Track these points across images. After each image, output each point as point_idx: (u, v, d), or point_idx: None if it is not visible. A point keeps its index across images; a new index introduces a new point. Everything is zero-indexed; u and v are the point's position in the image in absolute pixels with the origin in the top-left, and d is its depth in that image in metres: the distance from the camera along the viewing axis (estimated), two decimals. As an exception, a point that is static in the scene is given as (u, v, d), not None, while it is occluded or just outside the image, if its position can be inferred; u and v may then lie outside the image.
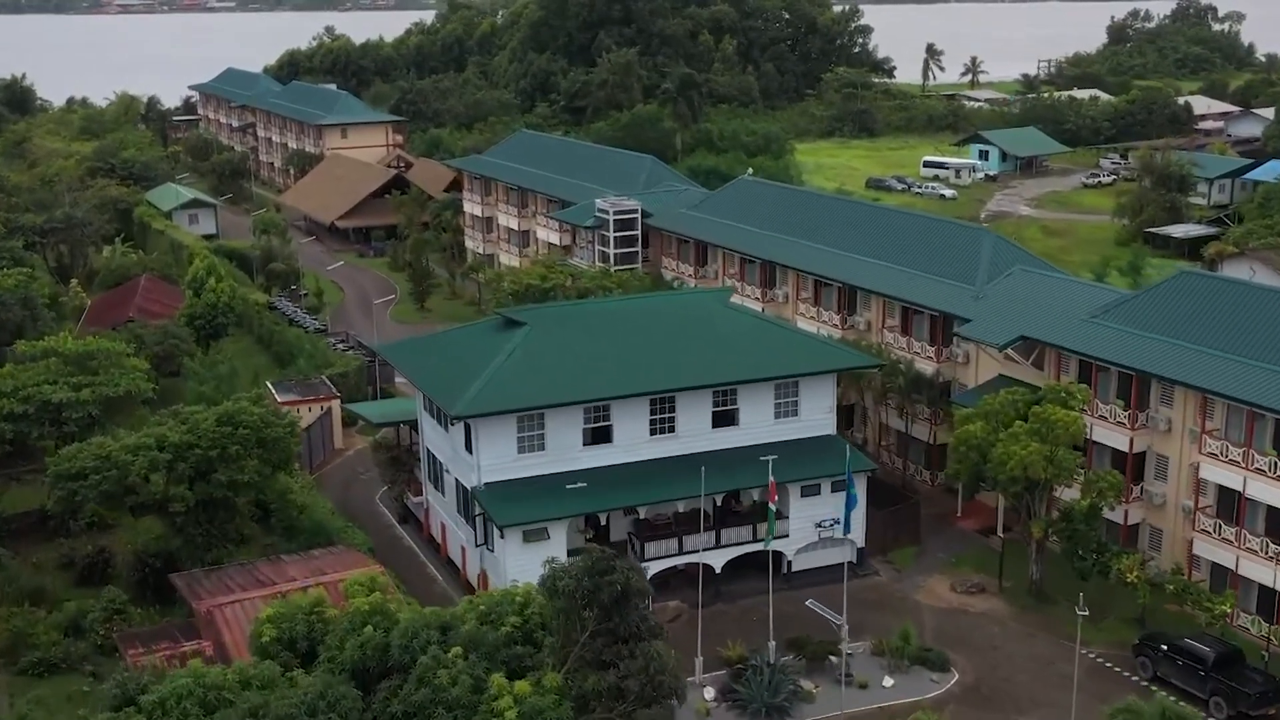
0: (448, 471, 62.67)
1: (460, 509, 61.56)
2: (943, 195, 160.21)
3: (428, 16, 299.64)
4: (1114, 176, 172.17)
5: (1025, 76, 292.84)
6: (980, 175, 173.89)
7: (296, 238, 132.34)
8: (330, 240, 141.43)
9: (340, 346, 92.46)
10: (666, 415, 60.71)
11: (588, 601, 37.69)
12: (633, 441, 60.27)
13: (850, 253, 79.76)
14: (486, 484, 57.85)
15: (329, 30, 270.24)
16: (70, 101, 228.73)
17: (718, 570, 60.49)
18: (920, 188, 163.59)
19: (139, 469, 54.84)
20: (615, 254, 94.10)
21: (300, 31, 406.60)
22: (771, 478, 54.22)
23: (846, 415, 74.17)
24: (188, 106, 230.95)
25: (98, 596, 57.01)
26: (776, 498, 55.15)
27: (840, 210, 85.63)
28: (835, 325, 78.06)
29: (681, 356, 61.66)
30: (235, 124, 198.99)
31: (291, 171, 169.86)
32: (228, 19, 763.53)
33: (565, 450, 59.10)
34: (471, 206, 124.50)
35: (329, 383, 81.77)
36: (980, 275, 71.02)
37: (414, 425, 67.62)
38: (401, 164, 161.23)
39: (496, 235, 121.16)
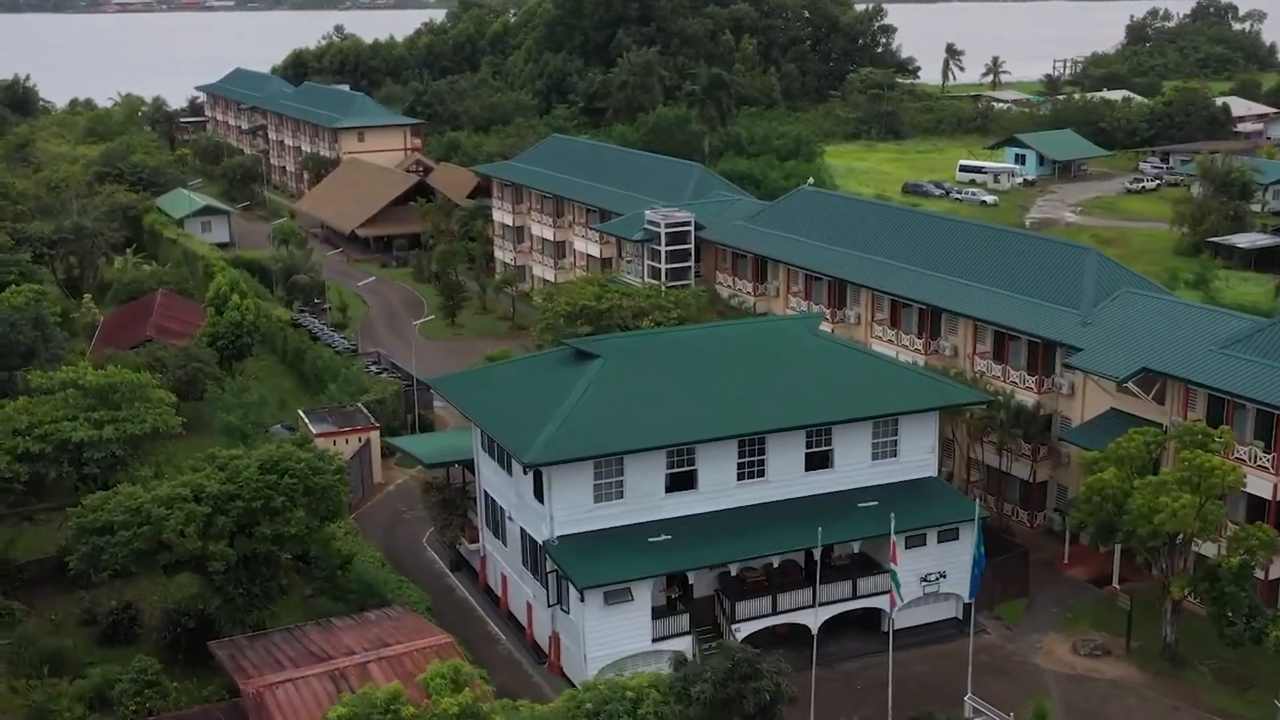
0: (511, 519, 56.58)
1: (527, 562, 55.47)
2: (983, 201, 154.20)
3: (428, 15, 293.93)
4: (1157, 181, 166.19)
5: (1048, 77, 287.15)
6: (1018, 180, 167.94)
7: (317, 247, 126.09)
8: (349, 249, 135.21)
9: (373, 369, 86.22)
10: (756, 458, 54.67)
11: (728, 711, 31.59)
12: (719, 487, 54.24)
13: (931, 270, 73.71)
14: (560, 537, 51.77)
15: (338, 30, 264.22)
16: (73, 103, 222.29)
17: (814, 631, 54.41)
18: (959, 193, 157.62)
19: (174, 525, 48.67)
20: (666, 269, 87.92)
21: (301, 31, 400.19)
22: (893, 537, 48.12)
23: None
24: (194, 108, 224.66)
25: (125, 662, 50.93)
26: (898, 560, 49.08)
27: (915, 224, 79.53)
28: (918, 350, 71.95)
29: (771, 392, 55.60)
30: (245, 126, 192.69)
31: (306, 176, 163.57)
32: (226, 18, 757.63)
33: (645, 498, 53.05)
34: (501, 215, 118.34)
35: (366, 411, 75.62)
36: (1085, 298, 64.92)
37: (469, 465, 61.45)
38: (420, 168, 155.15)
39: (529, 246, 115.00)
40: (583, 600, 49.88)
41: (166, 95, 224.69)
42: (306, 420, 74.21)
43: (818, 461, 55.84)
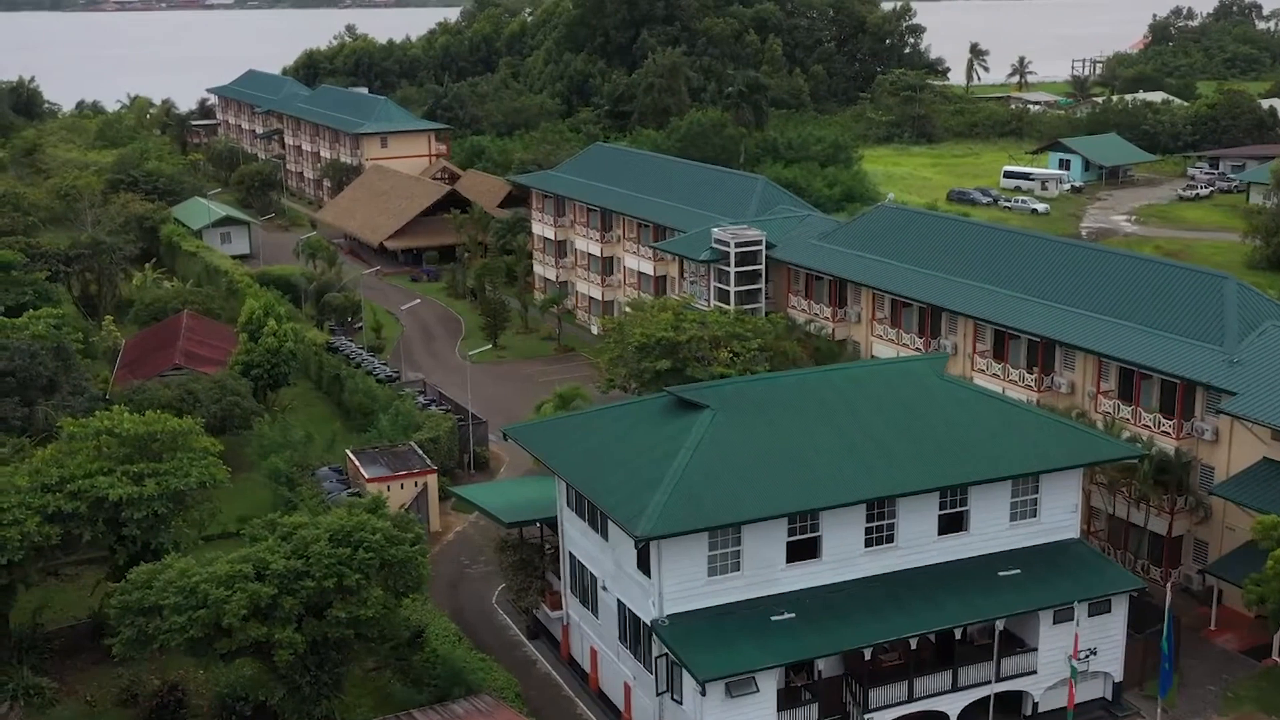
0: (605, 589, 50.20)
1: (625, 638, 49.12)
2: (1034, 209, 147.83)
3: (428, 15, 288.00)
4: (1210, 188, 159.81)
5: (1075, 77, 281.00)
6: (1066, 186, 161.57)
7: (346, 261, 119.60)
8: (377, 262, 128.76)
9: (421, 400, 79.77)
10: (885, 522, 48.29)
11: None
12: (845, 556, 47.88)
13: (1039, 298, 67.34)
14: (670, 616, 45.39)
15: (349, 30, 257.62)
16: (80, 105, 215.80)
17: (953, 718, 48.14)
18: (1009, 201, 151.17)
19: (235, 609, 42.28)
20: (736, 292, 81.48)
21: (303, 30, 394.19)
22: (1076, 630, 41.81)
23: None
24: (204, 110, 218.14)
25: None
26: (1078, 654, 42.78)
27: (1016, 245, 73.08)
28: (1029, 387, 65.56)
29: (902, 446, 49.19)
30: (259, 131, 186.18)
31: (326, 184, 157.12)
32: (226, 16, 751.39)
33: (764, 569, 46.70)
34: (542, 228, 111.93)
35: (420, 451, 69.19)
36: (1229, 333, 58.60)
37: (550, 522, 55.07)
38: (446, 176, 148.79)
39: (573, 261, 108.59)
40: (703, 694, 43.50)
41: (172, 96, 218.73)
42: (356, 462, 67.81)
43: (952, 524, 49.51)
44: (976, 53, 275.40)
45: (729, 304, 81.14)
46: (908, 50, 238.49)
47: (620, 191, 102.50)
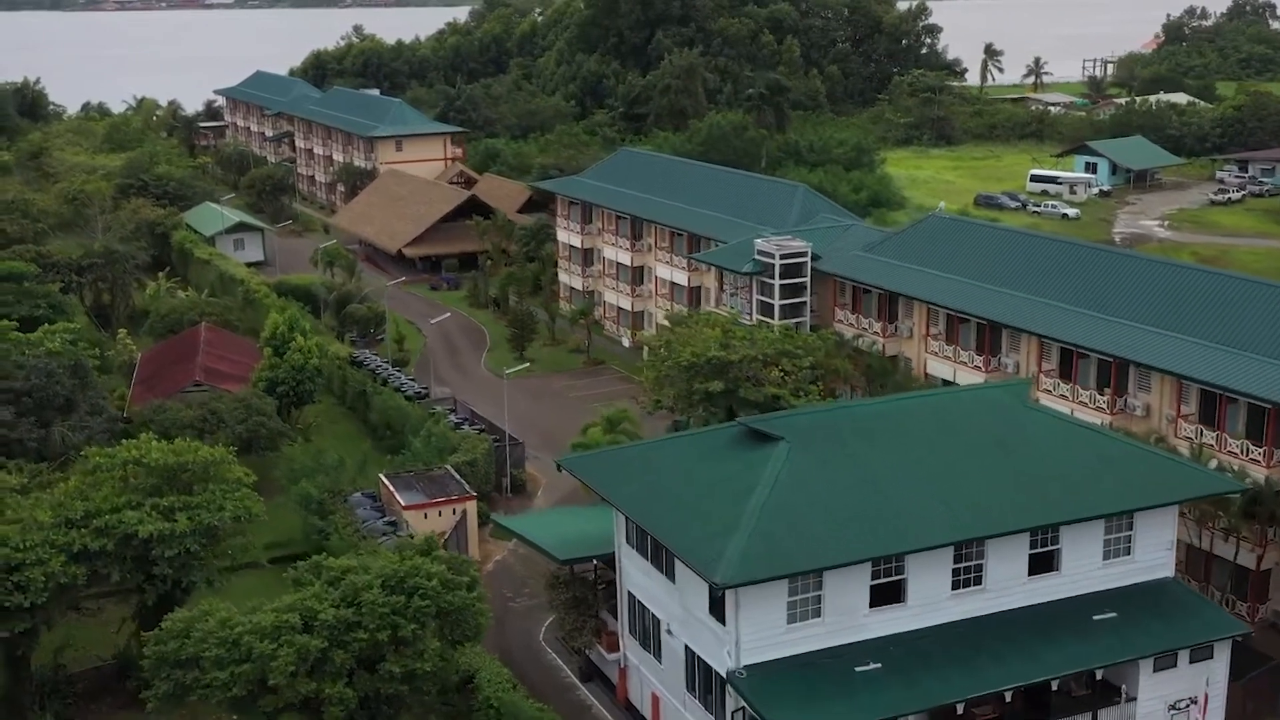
0: (671, 633, 46.88)
1: (693, 687, 45.80)
2: (1065, 215, 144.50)
3: (430, 14, 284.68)
4: (1242, 192, 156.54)
5: (1091, 78, 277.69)
6: (1094, 190, 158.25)
7: (364, 269, 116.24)
8: (394, 269, 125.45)
9: (453, 420, 76.40)
10: (973, 563, 44.97)
11: None
12: (931, 600, 44.57)
13: (1108, 314, 64.07)
14: (748, 667, 42.08)
15: (357, 30, 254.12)
16: (86, 107, 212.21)
17: (1047, 774, 44.90)
18: (1038, 206, 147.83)
19: (283, 665, 38.98)
20: (780, 305, 78.15)
21: (306, 30, 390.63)
22: (1205, 689, 38.54)
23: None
24: (210, 112, 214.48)
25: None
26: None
27: (1078, 258, 69.79)
28: (1101, 410, 62.28)
29: (988, 481, 45.94)
30: (269, 133, 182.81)
31: (340, 188, 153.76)
32: (226, 16, 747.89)
33: (846, 615, 43.40)
34: (568, 235, 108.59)
35: (457, 476, 65.86)
36: (1322, 354, 55.33)
37: (607, 558, 51.74)
38: (461, 179, 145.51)
39: (600, 270, 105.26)
40: (789, 754, 40.26)
41: (176, 97, 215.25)
42: (390, 488, 64.47)
43: (1042, 564, 46.18)
44: (990, 53, 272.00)
45: (773, 318, 77.84)
46: (924, 51, 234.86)
47: (651, 198, 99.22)
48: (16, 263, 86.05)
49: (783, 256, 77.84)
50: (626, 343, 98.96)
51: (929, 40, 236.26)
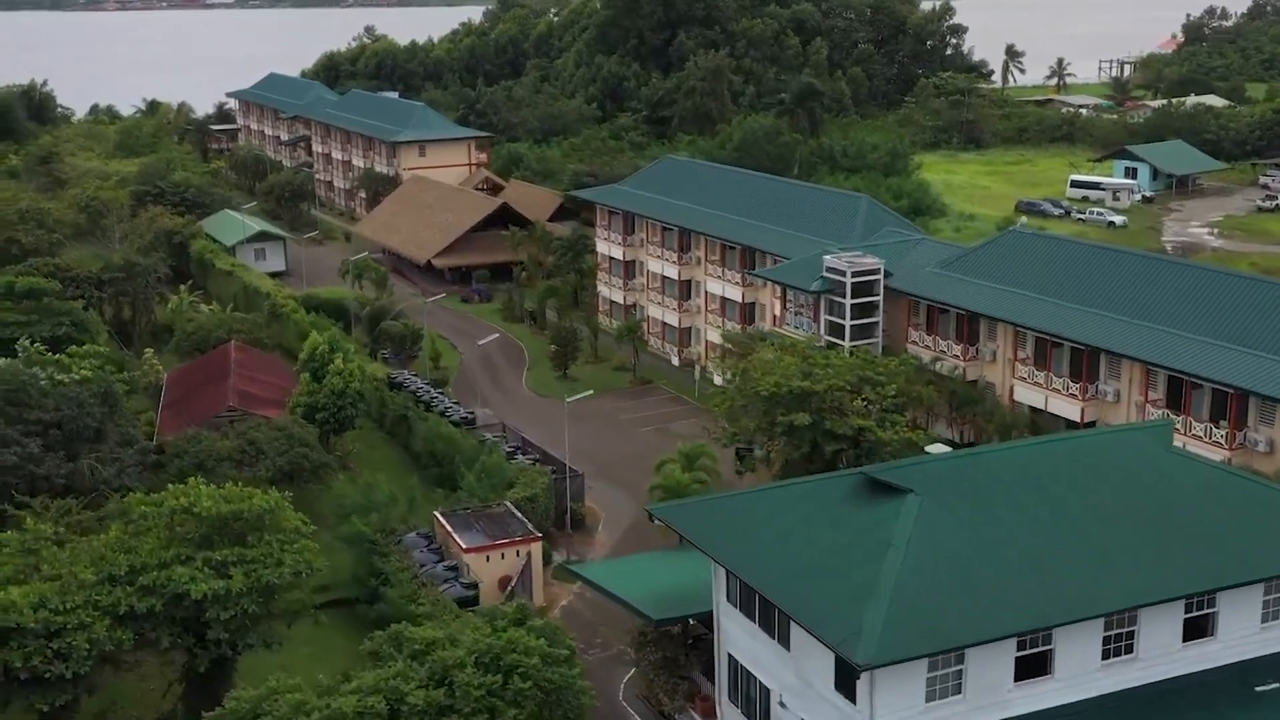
0: (784, 706, 42.15)
1: (812, 768, 41.12)
2: (1111, 222, 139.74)
3: (430, 14, 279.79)
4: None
5: (1115, 79, 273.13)
6: (1137, 196, 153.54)
7: (393, 281, 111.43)
8: (421, 280, 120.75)
9: (505, 448, 71.69)
10: (1125, 630, 40.31)
11: None
12: (1080, 671, 39.89)
13: (1221, 340, 59.44)
14: (883, 752, 37.46)
15: (369, 31, 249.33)
16: (94, 109, 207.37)
17: None
18: (1082, 213, 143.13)
19: (371, 757, 34.40)
20: (851, 326, 73.48)
21: (308, 29, 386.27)
22: None
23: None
24: (221, 115, 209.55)
25: None
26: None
27: (1185, 279, 65.13)
28: (1218, 444, 57.66)
29: (1138, 539, 41.27)
30: (284, 137, 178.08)
31: (361, 195, 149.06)
32: (227, 15, 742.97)
33: (990, 691, 38.72)
34: (608, 247, 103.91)
35: (519, 514, 61.20)
36: None
37: (705, 617, 47.06)
38: (486, 185, 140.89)
39: (644, 283, 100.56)
40: None
41: (183, 98, 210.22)
42: (448, 527, 59.85)
43: (1197, 629, 41.54)
44: (1012, 54, 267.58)
45: (843, 340, 73.16)
46: (949, 52, 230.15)
47: (700, 209, 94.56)
48: (38, 279, 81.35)
49: (854, 274, 73.12)
50: (675, 361, 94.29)
51: (953, 41, 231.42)
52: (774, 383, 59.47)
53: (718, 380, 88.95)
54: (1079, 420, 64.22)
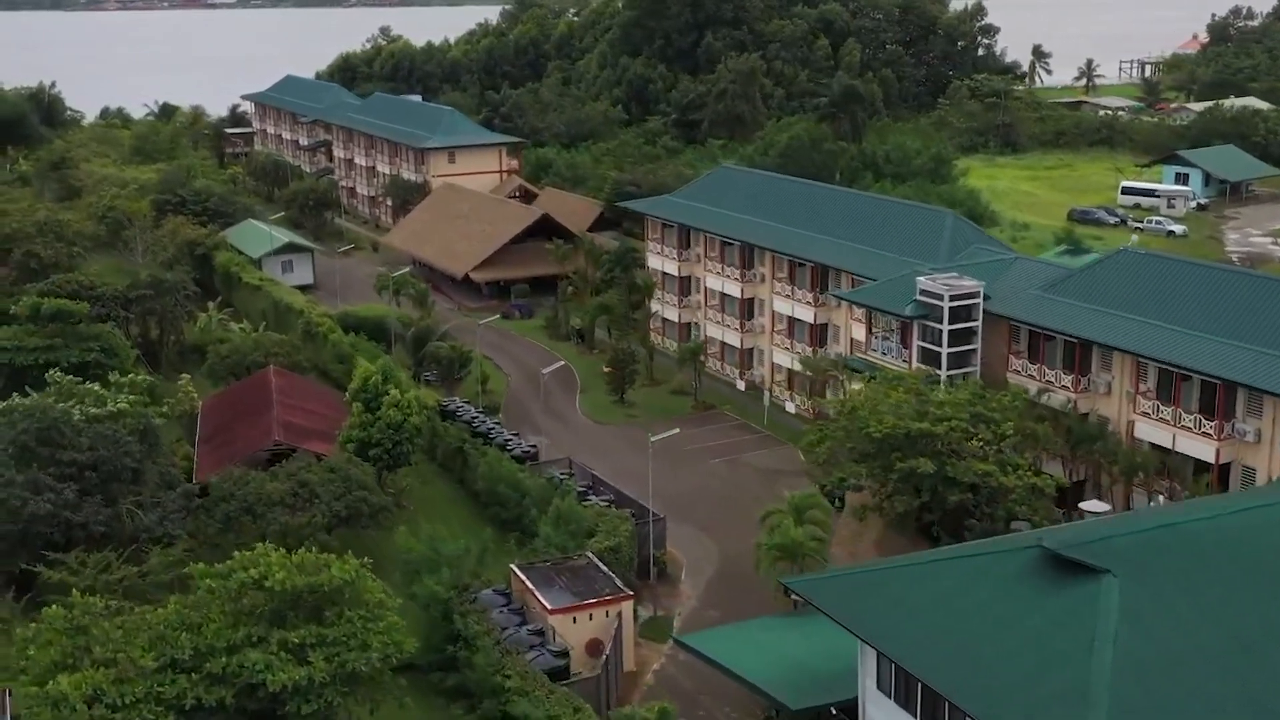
0: (954, 815, 36.60)
1: None
2: (1171, 231, 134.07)
3: (433, 15, 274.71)
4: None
5: (1145, 81, 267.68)
6: (1192, 204, 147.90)
7: (441, 302, 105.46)
8: (456, 294, 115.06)
9: (580, 489, 65.98)
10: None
11: None
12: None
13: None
14: None
15: (384, 31, 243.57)
16: (105, 112, 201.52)
17: None
18: (1140, 222, 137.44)
19: None
20: (948, 354, 67.84)
21: (309, 29, 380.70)
22: None
23: None
24: (235, 118, 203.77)
25: None
26: None
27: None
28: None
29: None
30: (304, 141, 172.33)
31: (388, 203, 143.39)
32: (229, 15, 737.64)
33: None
34: (661, 261, 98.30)
35: (603, 566, 55.58)
36: None
37: (848, 704, 41.47)
38: (519, 193, 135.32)
39: (701, 300, 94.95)
40: None
41: (194, 100, 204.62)
42: (528, 583, 54.19)
43: None
44: (1039, 54, 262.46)
45: (939, 368, 67.53)
46: (980, 53, 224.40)
47: (765, 223, 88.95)
48: (65, 302, 75.63)
49: (952, 297, 67.45)
50: (741, 385, 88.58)
51: (984, 42, 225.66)
52: (891, 424, 53.78)
53: (790, 408, 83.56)
54: (1214, 462, 58.67)
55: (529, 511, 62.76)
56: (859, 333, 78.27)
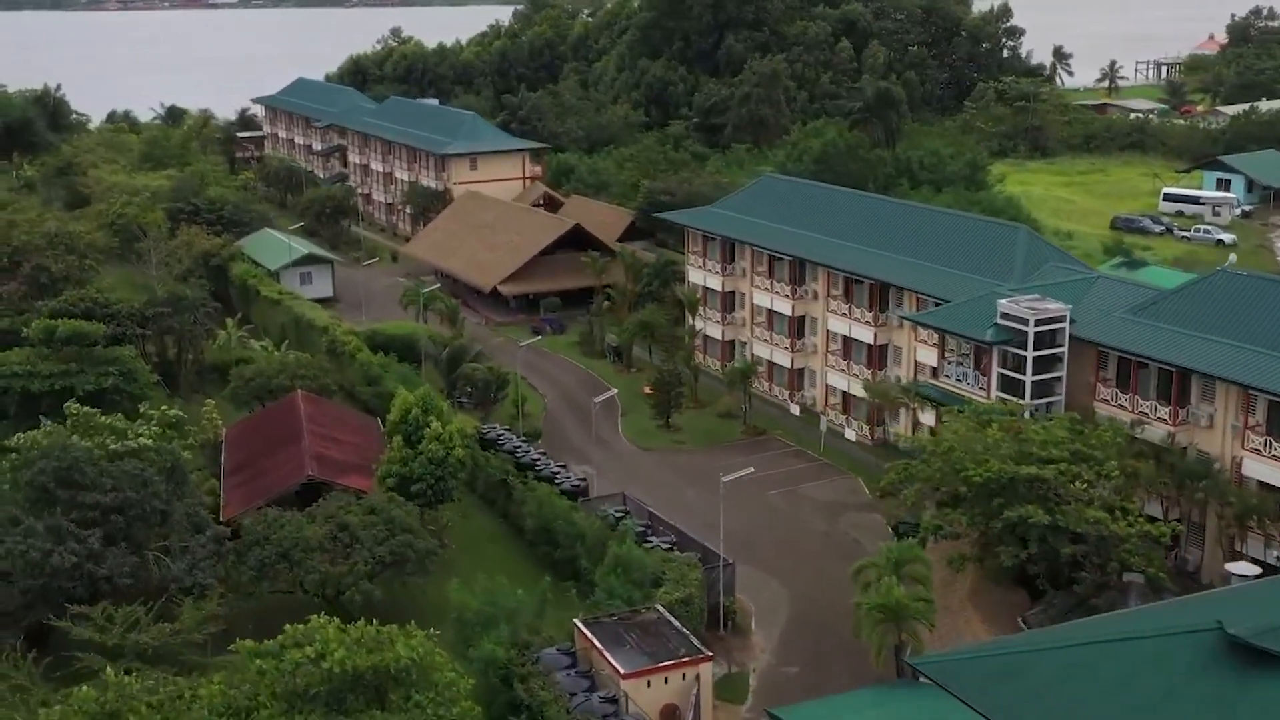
0: None
1: None
2: (1220, 240, 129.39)
3: (435, 15, 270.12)
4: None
5: (1169, 83, 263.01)
6: (1237, 211, 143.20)
7: (467, 316, 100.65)
8: (481, 307, 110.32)
9: (638, 529, 61.19)
10: None
11: None
12: None
13: None
14: None
15: (395, 32, 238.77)
16: (112, 116, 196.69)
17: None
18: (1187, 231, 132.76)
19: None
20: (1032, 383, 63.12)
21: (311, 30, 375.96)
22: None
23: None
24: (244, 121, 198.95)
25: None
26: None
27: None
28: None
29: None
30: (317, 146, 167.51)
31: (407, 210, 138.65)
32: (230, 15, 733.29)
33: None
34: (703, 276, 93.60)
35: (673, 620, 50.83)
36: None
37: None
38: (544, 201, 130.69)
39: (747, 317, 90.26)
40: None
41: (201, 103, 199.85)
42: (595, 642, 49.38)
43: None
44: (1060, 55, 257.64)
45: (1021, 397, 62.85)
46: (1005, 55, 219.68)
47: (817, 237, 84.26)
48: (82, 323, 70.81)
49: (1038, 322, 62.72)
50: (795, 409, 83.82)
51: (1010, 43, 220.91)
52: (996, 468, 49.02)
53: (849, 435, 78.86)
54: (1336, 506, 53.99)
55: (580, 551, 58.08)
56: (924, 355, 73.70)
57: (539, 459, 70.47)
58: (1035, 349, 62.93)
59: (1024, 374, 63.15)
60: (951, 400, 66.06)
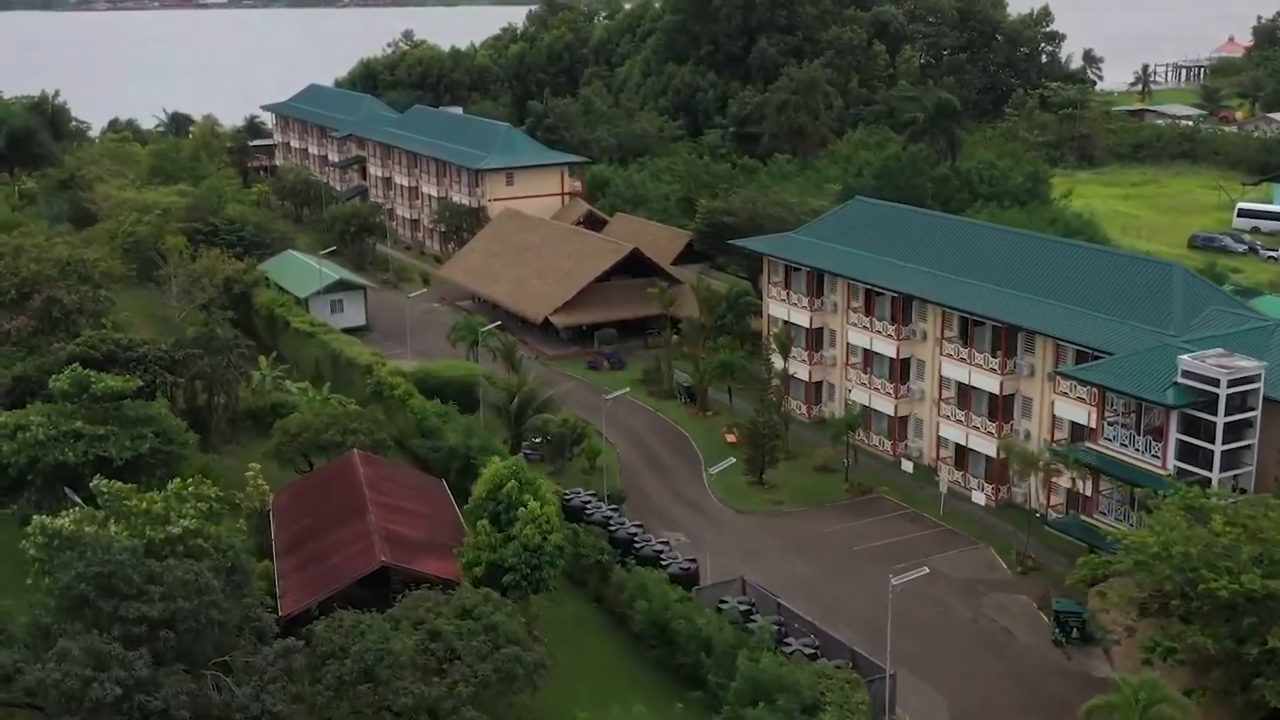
0: None
1: None
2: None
3: (432, 15, 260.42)
4: None
5: (1204, 88, 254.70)
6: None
7: (526, 354, 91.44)
8: (531, 339, 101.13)
9: (779, 634, 52.29)
10: None
11: None
12: None
13: None
14: None
15: (407, 36, 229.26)
16: (114, 124, 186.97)
17: None
18: (1275, 251, 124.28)
19: None
20: (1221, 453, 54.41)
21: (311, 30, 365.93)
22: None
23: None
24: (253, 128, 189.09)
25: None
26: None
27: None
28: None
29: None
30: (334, 157, 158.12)
31: (438, 228, 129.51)
32: (220, 16, 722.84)
33: None
34: (786, 310, 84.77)
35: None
36: None
37: None
38: (585, 220, 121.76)
39: (839, 357, 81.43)
40: None
41: (196, 105, 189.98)
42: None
43: None
44: (1089, 59, 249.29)
45: (1210, 471, 54.13)
46: (1045, 60, 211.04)
47: (925, 271, 75.45)
48: (112, 379, 61.44)
49: (1230, 383, 54.01)
50: (909, 466, 74.98)
51: (1049, 48, 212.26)
52: (1260, 584, 40.18)
53: (978, 499, 70.03)
54: None
55: (710, 668, 49.24)
56: (1066, 410, 64.95)
57: (636, 533, 61.49)
58: (1226, 413, 54.19)
59: (1213, 442, 54.39)
60: (1114, 468, 57.49)
